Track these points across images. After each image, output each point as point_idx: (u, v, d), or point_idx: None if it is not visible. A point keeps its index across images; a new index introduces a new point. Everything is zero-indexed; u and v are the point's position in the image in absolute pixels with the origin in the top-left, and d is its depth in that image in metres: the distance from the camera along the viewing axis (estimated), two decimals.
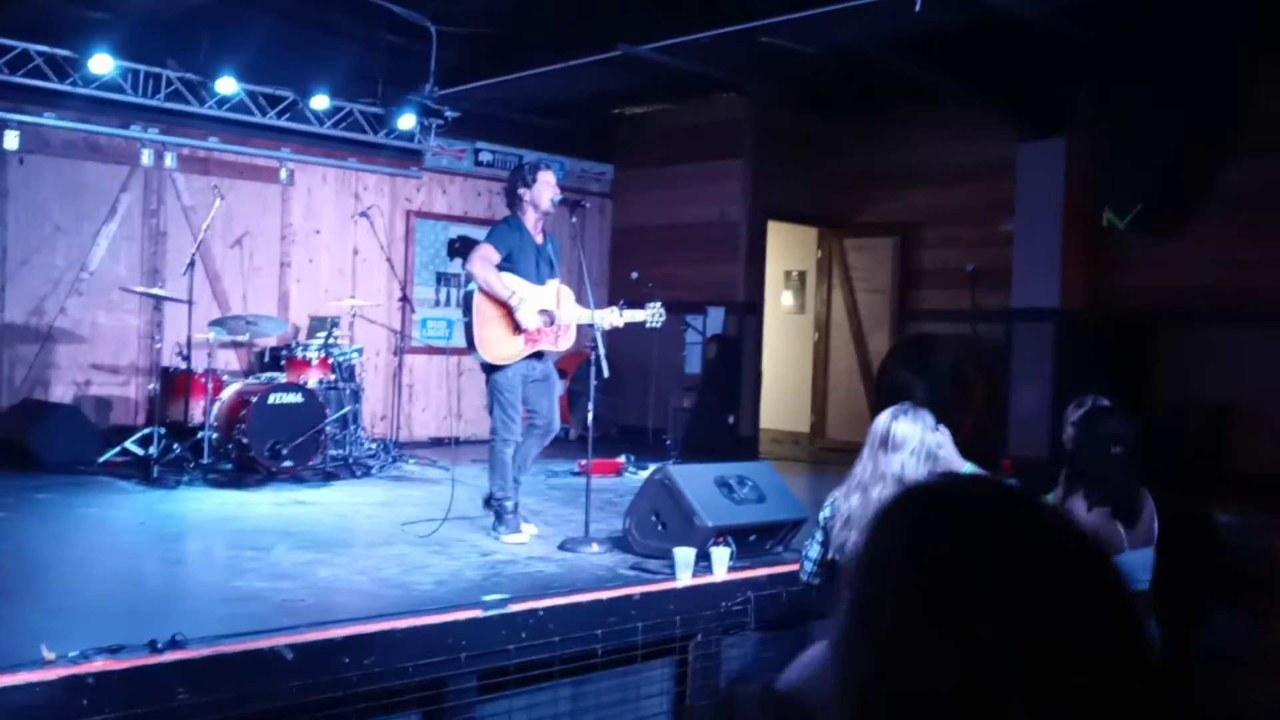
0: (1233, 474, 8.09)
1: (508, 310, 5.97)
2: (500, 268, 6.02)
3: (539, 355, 6.15)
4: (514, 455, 6.16)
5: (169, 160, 9.38)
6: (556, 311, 6.13)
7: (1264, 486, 7.20)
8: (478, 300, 6.04)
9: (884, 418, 3.79)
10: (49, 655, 3.41)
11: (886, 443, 3.72)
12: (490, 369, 6.07)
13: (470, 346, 6.10)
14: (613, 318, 6.29)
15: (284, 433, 7.73)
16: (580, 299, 6.43)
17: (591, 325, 6.20)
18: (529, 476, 6.59)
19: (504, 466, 6.12)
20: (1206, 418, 8.36)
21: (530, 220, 6.18)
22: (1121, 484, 3.99)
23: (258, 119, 9.49)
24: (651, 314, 6.41)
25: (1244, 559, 5.90)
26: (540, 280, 6.15)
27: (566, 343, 6.24)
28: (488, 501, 6.25)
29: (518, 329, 6.00)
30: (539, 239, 6.21)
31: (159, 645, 3.58)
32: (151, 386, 8.34)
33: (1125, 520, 3.95)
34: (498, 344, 6.02)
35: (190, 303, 7.93)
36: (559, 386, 6.38)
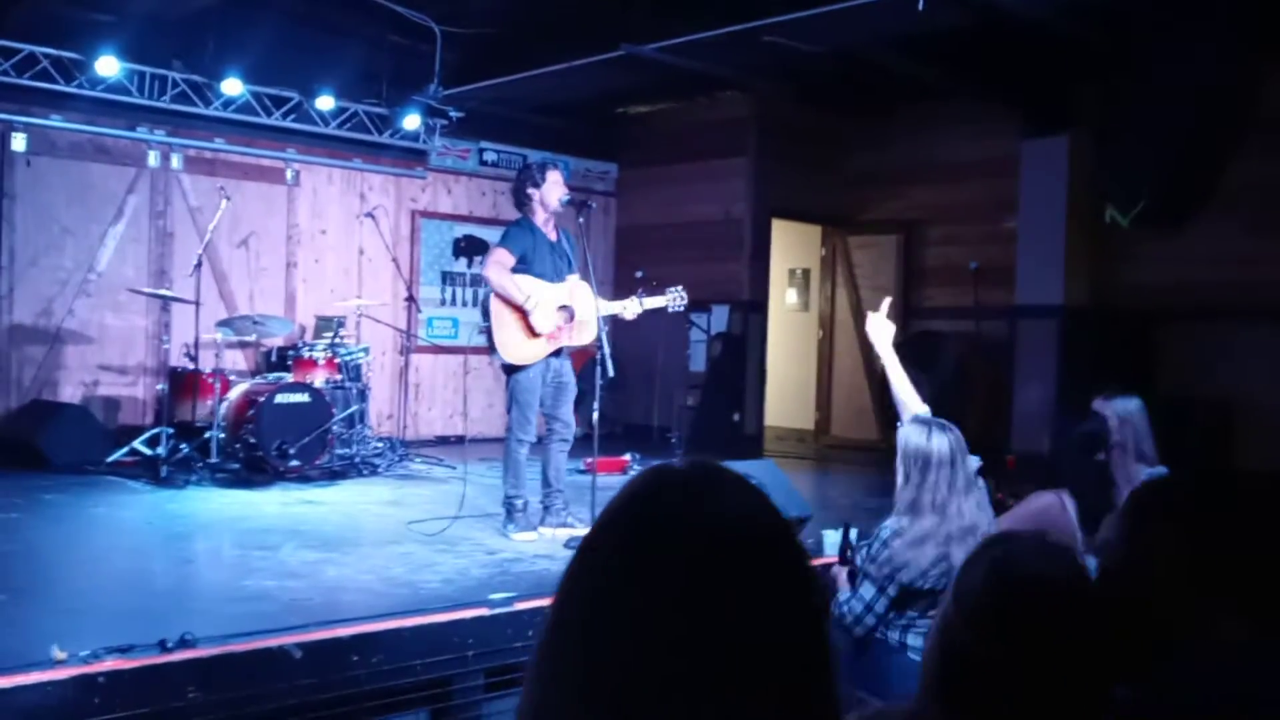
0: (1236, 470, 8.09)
1: (524, 314, 6.01)
2: (516, 270, 6.04)
3: (558, 352, 6.16)
4: (527, 457, 6.18)
5: (175, 161, 9.41)
6: (575, 306, 6.14)
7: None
8: (494, 304, 6.07)
9: (936, 439, 3.53)
10: (60, 655, 3.45)
11: (953, 460, 3.57)
12: (511, 369, 6.11)
13: (492, 349, 6.14)
14: (633, 307, 6.29)
15: (291, 432, 7.76)
16: None
17: (604, 319, 6.19)
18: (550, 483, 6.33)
19: (517, 465, 6.15)
20: (1210, 414, 8.36)
21: (540, 220, 6.20)
22: (1101, 493, 3.75)
23: (263, 120, 9.52)
24: (672, 299, 6.40)
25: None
26: (558, 278, 6.16)
27: (586, 337, 6.19)
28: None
29: (535, 331, 6.02)
30: (552, 237, 6.22)
31: (169, 644, 3.62)
32: (159, 387, 8.39)
33: (1089, 529, 3.66)
34: (518, 346, 6.04)
35: (197, 303, 7.97)
36: (574, 391, 6.35)
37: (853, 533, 3.72)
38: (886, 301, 4.18)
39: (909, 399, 3.90)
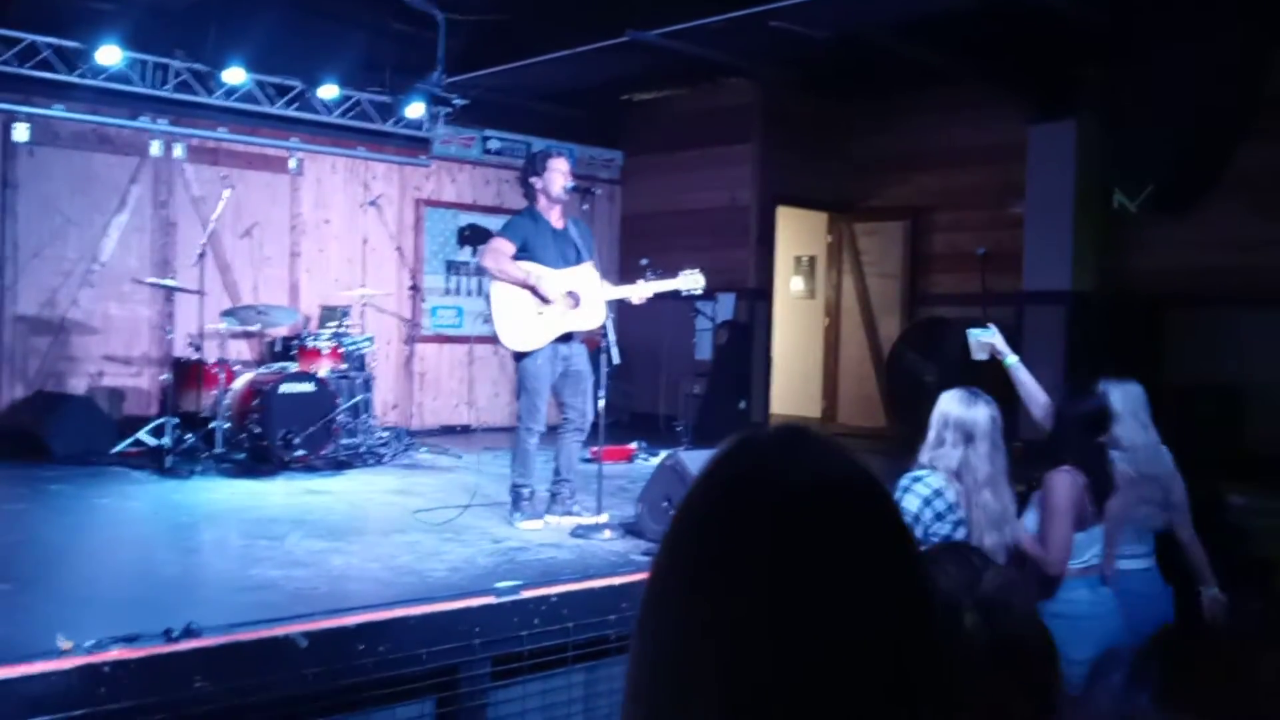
0: (1244, 456, 8.04)
1: (529, 292, 5.96)
2: (517, 257, 6.01)
3: (567, 339, 6.11)
4: (539, 446, 6.15)
5: (178, 151, 9.37)
6: (579, 291, 6.07)
7: (1276, 468, 7.17)
8: (495, 291, 6.04)
9: (979, 410, 3.65)
10: (65, 645, 3.43)
11: (993, 435, 3.62)
12: (518, 356, 6.08)
13: (499, 338, 6.11)
14: (643, 290, 6.22)
15: (296, 422, 7.75)
16: None
17: (610, 305, 6.14)
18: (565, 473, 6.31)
19: (526, 454, 6.13)
20: (1217, 399, 8.32)
21: (544, 208, 6.17)
22: (1103, 472, 3.83)
23: (266, 109, 9.50)
24: (685, 281, 6.29)
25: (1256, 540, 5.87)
26: (565, 265, 6.10)
27: (593, 321, 6.10)
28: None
29: (540, 312, 5.96)
30: (558, 225, 6.18)
31: (174, 634, 3.60)
32: (164, 377, 8.37)
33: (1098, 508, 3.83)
34: (520, 331, 6.01)
35: (201, 293, 7.96)
36: (590, 379, 6.20)
37: None
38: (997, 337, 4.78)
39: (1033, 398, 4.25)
